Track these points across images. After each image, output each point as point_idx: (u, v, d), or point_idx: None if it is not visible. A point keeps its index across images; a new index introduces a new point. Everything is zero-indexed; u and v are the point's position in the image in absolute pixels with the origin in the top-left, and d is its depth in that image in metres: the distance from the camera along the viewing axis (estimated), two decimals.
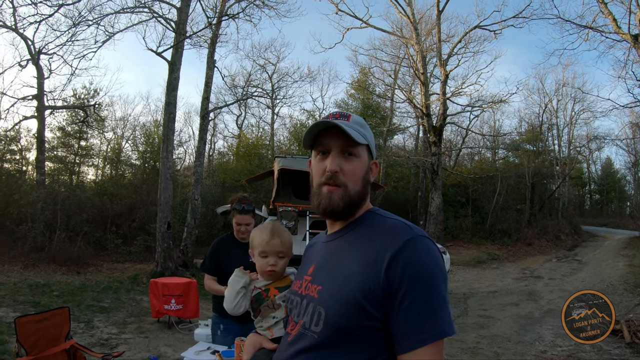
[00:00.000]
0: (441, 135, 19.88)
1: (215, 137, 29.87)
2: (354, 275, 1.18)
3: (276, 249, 1.65)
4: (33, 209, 13.92)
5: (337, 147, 1.31)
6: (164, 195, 12.80)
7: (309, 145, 1.38)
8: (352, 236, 1.31)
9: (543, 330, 7.90)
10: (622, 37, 13.81)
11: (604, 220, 33.12)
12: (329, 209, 1.30)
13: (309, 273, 1.37)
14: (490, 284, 13.43)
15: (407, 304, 1.10)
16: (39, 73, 15.66)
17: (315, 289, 1.28)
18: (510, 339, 7.40)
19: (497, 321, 8.69)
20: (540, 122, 29.01)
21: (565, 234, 23.37)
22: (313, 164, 1.39)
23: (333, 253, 1.33)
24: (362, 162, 1.34)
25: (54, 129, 20.04)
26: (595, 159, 40.32)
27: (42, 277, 11.61)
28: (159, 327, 7.61)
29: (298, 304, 1.34)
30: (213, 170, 25.36)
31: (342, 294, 1.18)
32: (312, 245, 1.56)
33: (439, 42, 19.98)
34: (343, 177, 1.30)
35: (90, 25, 13.28)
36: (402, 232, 1.19)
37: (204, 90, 14.91)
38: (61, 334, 4.04)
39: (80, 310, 8.48)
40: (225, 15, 14.60)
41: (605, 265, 15.31)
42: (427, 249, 1.17)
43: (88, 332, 7.12)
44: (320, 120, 1.33)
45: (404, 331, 1.11)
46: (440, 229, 18.56)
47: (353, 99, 29.66)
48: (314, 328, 1.22)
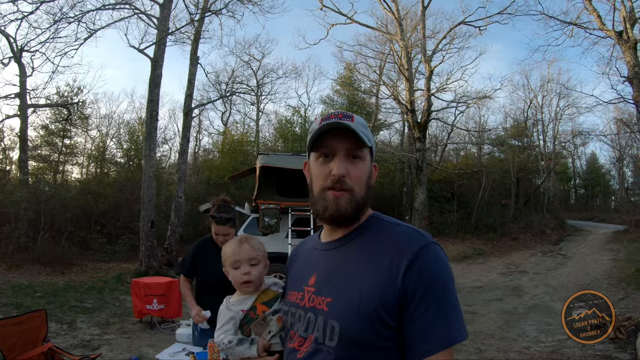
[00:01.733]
0: (425, 131, 19.96)
1: (200, 134, 29.77)
2: (369, 285, 1.15)
3: (247, 255, 1.58)
4: (16, 209, 13.75)
5: (343, 150, 1.25)
6: (148, 194, 12.74)
7: (310, 147, 1.30)
8: (359, 243, 1.26)
9: (527, 325, 7.94)
10: (607, 34, 13.94)
11: (590, 214, 33.47)
12: (337, 214, 1.24)
13: (311, 284, 1.30)
14: (475, 279, 13.50)
15: (422, 311, 1.10)
16: (21, 71, 15.47)
17: (323, 301, 1.22)
18: (494, 335, 7.43)
19: (481, 317, 8.74)
20: (526, 118, 29.26)
21: (550, 229, 23.54)
22: (314, 166, 1.31)
23: (339, 262, 1.26)
24: (366, 165, 1.29)
25: (37, 128, 19.81)
26: (580, 154, 40.84)
27: (26, 278, 11.49)
28: (141, 327, 7.58)
29: (301, 318, 1.27)
30: (198, 167, 25.23)
31: (357, 306, 1.14)
32: (302, 253, 1.49)
33: (424, 38, 20.04)
34: (349, 182, 1.24)
35: (71, 22, 13.14)
36: (416, 240, 1.18)
37: (187, 87, 14.85)
38: (38, 336, 4.03)
39: (63, 312, 8.43)
40: (208, 11, 14.52)
41: (589, 260, 15.47)
42: (440, 255, 1.17)
43: (70, 334, 7.08)
44: (327, 121, 1.26)
45: (418, 338, 1.10)
46: (425, 224, 18.64)
47: (338, 95, 29.66)
48: (328, 343, 1.16)
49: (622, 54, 13.51)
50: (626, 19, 12.95)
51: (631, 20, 12.94)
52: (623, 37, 13.00)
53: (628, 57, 12.84)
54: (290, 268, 1.49)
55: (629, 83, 13.08)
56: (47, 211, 14.27)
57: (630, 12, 13.03)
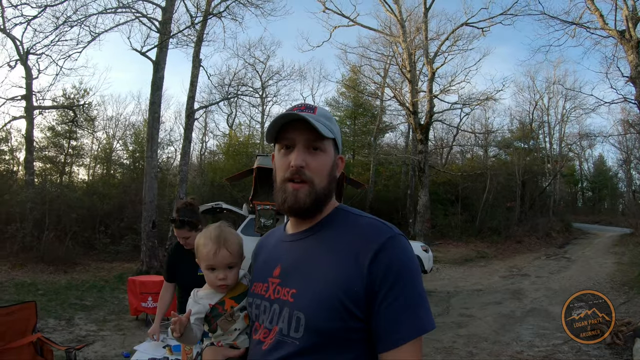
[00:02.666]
0: (428, 133, 19.92)
1: (206, 137, 29.92)
2: (334, 276, 1.15)
3: (225, 261, 1.47)
4: (22, 209, 13.93)
5: (302, 141, 1.25)
6: (149, 195, 12.87)
7: (273, 138, 1.30)
8: (324, 235, 1.27)
9: (522, 329, 7.83)
10: (609, 33, 13.86)
11: (597, 217, 33.09)
12: (295, 206, 1.24)
13: (276, 275, 1.29)
14: (475, 282, 13.44)
15: (389, 302, 1.11)
16: (28, 73, 15.64)
17: (288, 293, 1.22)
18: (488, 338, 7.34)
19: (477, 320, 8.66)
20: (531, 120, 29.12)
21: (556, 232, 23.33)
22: (277, 158, 1.32)
23: (304, 253, 1.27)
24: (328, 156, 1.29)
25: (44, 129, 20.06)
26: (588, 157, 40.55)
27: (29, 276, 11.64)
28: (136, 324, 7.67)
29: (267, 309, 1.26)
30: (203, 169, 25.37)
31: (323, 296, 1.14)
32: (268, 244, 1.48)
33: (426, 40, 20.04)
34: (309, 173, 1.24)
35: (73, 26, 13.33)
36: (382, 231, 1.18)
37: (190, 89, 14.96)
38: (27, 327, 4.13)
39: (63, 309, 8.56)
40: (209, 14, 14.65)
41: (593, 263, 15.34)
42: (406, 247, 1.18)
43: (67, 329, 7.20)
44: (285, 112, 1.26)
45: (387, 329, 1.11)
46: (428, 227, 18.63)
47: (344, 97, 29.74)
48: (293, 334, 1.16)
49: (624, 54, 13.45)
50: (628, 18, 12.87)
51: (634, 19, 12.85)
52: (625, 36, 12.92)
53: (631, 57, 12.77)
54: (256, 260, 1.49)
55: (631, 83, 13.01)
56: (52, 211, 14.42)
57: (633, 11, 12.92)
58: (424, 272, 11.02)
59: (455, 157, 30.08)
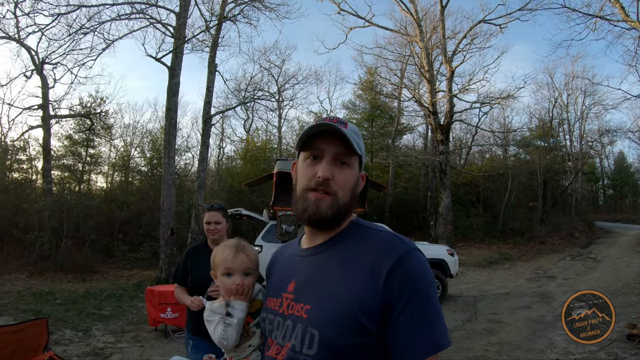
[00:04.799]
0: (448, 133, 19.66)
1: (223, 142, 29.95)
2: (349, 292, 1.12)
3: (243, 265, 1.49)
4: (40, 217, 14.00)
5: (331, 154, 1.23)
6: (167, 201, 12.81)
7: (301, 146, 1.28)
8: (339, 250, 1.23)
9: (555, 335, 7.45)
10: (631, 25, 13.61)
11: (618, 215, 32.80)
12: (316, 216, 1.21)
13: (290, 290, 1.26)
14: (501, 285, 13.09)
15: (405, 317, 1.08)
16: (44, 83, 15.80)
17: (302, 308, 1.19)
18: (521, 346, 7.03)
19: (507, 326, 8.32)
20: (551, 118, 28.70)
21: (579, 231, 23.00)
22: (301, 167, 1.28)
23: (318, 268, 1.24)
24: (353, 172, 1.26)
25: (61, 138, 20.24)
26: (608, 154, 40.32)
27: (48, 285, 11.64)
28: (155, 335, 7.49)
29: (280, 325, 1.23)
30: (221, 175, 25.36)
31: (338, 313, 1.11)
32: (282, 258, 1.44)
33: (444, 39, 19.76)
34: (334, 186, 1.21)
35: (86, 33, 13.36)
36: (396, 245, 1.16)
37: (206, 95, 14.93)
38: (39, 345, 3.96)
39: (80, 319, 8.45)
40: (224, 18, 14.58)
41: (620, 263, 14.98)
42: (422, 261, 1.15)
43: (84, 341, 7.04)
44: (319, 121, 1.24)
45: (403, 345, 1.08)
46: (450, 229, 18.27)
47: (360, 99, 29.59)
48: (307, 351, 1.13)
49: None
50: None
51: None
52: None
53: None
54: (271, 274, 1.44)
55: None
56: (70, 219, 14.51)
57: None
58: (449, 277, 10.73)
59: (474, 158, 29.66)
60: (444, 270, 10.50)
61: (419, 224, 23.43)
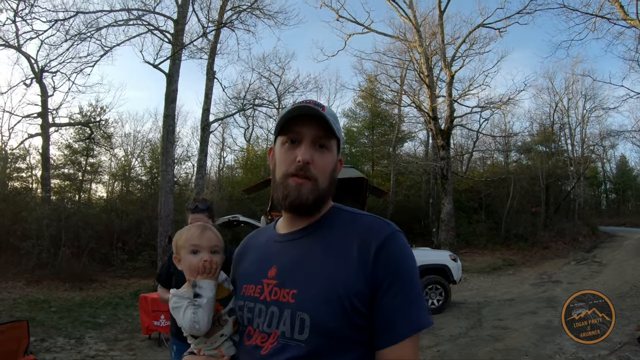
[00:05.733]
0: (449, 138, 19.58)
1: (224, 152, 29.90)
2: (338, 274, 1.13)
3: (210, 242, 1.41)
4: (38, 225, 13.91)
5: (310, 137, 1.22)
6: (165, 209, 12.74)
7: (278, 130, 1.26)
8: (322, 233, 1.24)
9: (564, 340, 7.16)
10: (630, 24, 13.61)
11: (622, 219, 32.57)
12: (297, 202, 1.21)
13: (271, 276, 1.23)
14: (506, 291, 12.89)
15: (390, 297, 1.10)
16: (43, 91, 15.79)
17: (287, 293, 1.17)
18: (528, 352, 6.83)
19: (514, 332, 8.11)
20: (552, 122, 28.56)
21: (582, 236, 22.74)
22: (279, 152, 1.27)
23: (303, 252, 1.23)
24: (332, 156, 1.27)
25: (61, 147, 20.16)
26: (610, 157, 40.14)
27: (44, 293, 11.55)
28: (149, 344, 7.36)
29: (262, 312, 1.20)
30: (221, 184, 25.26)
31: (329, 295, 1.11)
32: (256, 245, 1.42)
33: (443, 44, 19.73)
34: (314, 170, 1.21)
35: (84, 39, 13.33)
36: (382, 228, 1.18)
37: (204, 102, 14.94)
38: (19, 348, 3.83)
39: (74, 327, 8.36)
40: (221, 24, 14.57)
41: (627, 266, 14.75)
42: (405, 244, 1.18)
43: (76, 349, 6.93)
44: (298, 104, 1.23)
45: (388, 325, 1.10)
46: (453, 235, 18.10)
47: (360, 107, 29.56)
48: (298, 337, 1.12)
49: None
50: None
51: None
52: None
53: None
54: (241, 263, 1.41)
55: None
56: (69, 228, 14.43)
57: None
58: (452, 283, 10.50)
59: (476, 164, 29.52)
60: (447, 276, 10.26)
61: (421, 231, 23.21)
